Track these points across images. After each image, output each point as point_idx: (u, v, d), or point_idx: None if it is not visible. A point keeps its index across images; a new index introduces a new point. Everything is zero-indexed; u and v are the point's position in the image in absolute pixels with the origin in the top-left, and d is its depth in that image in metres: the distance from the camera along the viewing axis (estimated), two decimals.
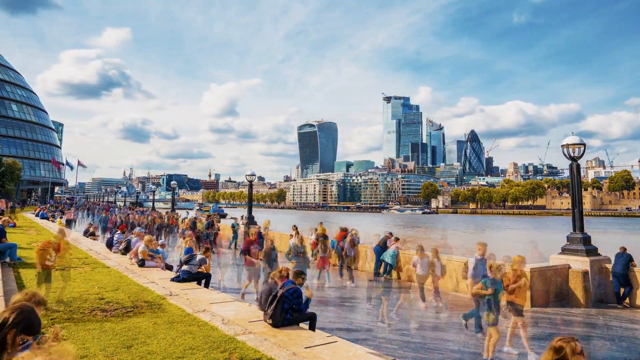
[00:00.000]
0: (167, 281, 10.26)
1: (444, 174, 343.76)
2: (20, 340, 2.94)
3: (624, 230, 70.38)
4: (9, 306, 3.07)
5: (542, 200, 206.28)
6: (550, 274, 11.50)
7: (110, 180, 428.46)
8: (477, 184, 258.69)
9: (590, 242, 12.08)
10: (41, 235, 19.99)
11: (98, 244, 18.73)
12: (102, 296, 8.35)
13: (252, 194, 29.97)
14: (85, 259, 13.29)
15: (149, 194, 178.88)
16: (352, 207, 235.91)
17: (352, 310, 11.24)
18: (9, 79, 79.54)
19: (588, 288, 11.18)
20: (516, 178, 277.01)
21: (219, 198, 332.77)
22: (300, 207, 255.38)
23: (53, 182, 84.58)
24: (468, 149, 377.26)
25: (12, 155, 69.96)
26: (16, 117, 77.49)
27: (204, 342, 5.79)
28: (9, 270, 10.62)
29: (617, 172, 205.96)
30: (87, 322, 6.62)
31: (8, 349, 2.82)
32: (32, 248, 14.89)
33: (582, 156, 12.22)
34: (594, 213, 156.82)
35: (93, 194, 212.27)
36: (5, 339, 2.80)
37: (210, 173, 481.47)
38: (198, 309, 7.63)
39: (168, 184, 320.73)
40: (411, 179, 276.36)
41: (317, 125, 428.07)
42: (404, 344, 7.78)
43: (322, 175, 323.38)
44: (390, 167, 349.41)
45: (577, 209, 12.21)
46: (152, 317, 7.04)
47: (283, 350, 5.63)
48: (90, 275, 10.53)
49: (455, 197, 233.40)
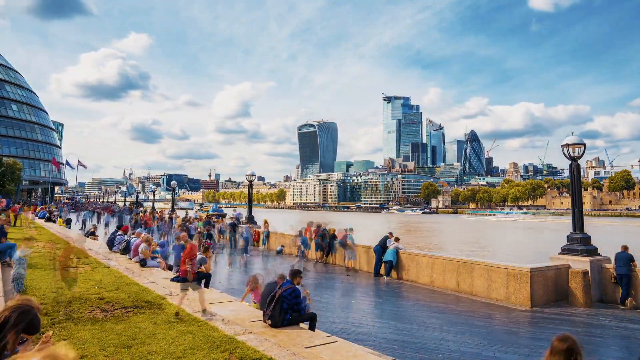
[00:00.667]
0: (167, 281, 10.27)
1: (444, 174, 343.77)
2: (20, 339, 2.96)
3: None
4: (8, 305, 3.05)
5: (542, 200, 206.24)
6: (551, 274, 11.51)
7: (110, 180, 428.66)
8: (477, 184, 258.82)
9: (590, 242, 12.09)
10: (41, 235, 19.99)
11: (98, 244, 18.73)
12: (102, 296, 8.34)
13: (252, 193, 29.99)
14: (85, 258, 13.28)
15: (149, 194, 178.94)
16: (352, 207, 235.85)
17: (349, 308, 11.23)
18: (9, 78, 79.53)
19: (588, 288, 11.18)
20: (516, 178, 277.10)
21: (219, 198, 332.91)
22: (300, 207, 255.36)
23: (53, 182, 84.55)
24: (468, 149, 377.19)
25: (12, 155, 69.92)
26: (16, 117, 77.46)
27: (204, 342, 5.78)
28: (9, 270, 10.61)
29: (617, 172, 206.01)
30: (87, 322, 6.61)
31: (8, 349, 2.84)
32: (32, 248, 14.91)
33: (582, 156, 12.23)
34: (594, 213, 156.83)
35: (93, 194, 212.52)
36: (4, 337, 2.82)
37: (210, 173, 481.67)
38: (198, 309, 7.62)
39: (168, 184, 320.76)
40: (411, 179, 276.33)
41: (317, 125, 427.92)
42: (404, 344, 7.78)
43: (322, 175, 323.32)
44: (390, 167, 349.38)
45: (577, 209, 12.22)
46: (152, 317, 7.04)
47: (283, 350, 5.63)
48: (90, 275, 10.53)
49: (455, 197, 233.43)
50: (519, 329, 9.22)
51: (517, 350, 7.63)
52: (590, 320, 9.99)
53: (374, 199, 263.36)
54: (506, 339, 8.43)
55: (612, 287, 11.65)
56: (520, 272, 11.24)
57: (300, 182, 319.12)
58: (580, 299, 11.12)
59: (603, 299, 11.70)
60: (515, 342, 8.13)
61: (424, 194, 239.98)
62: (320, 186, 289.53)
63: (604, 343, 8.34)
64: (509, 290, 11.42)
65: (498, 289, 11.72)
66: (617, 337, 8.92)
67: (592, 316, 10.29)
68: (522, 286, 11.12)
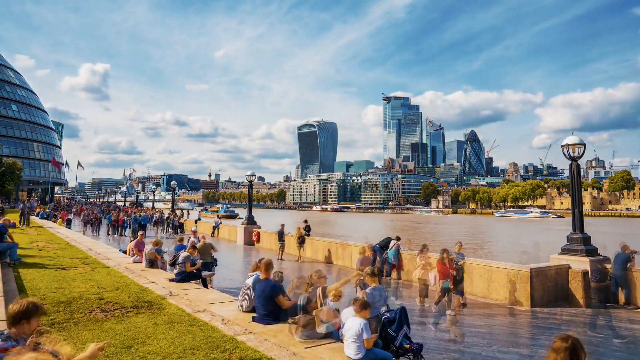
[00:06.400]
0: (167, 281, 10.27)
1: (444, 174, 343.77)
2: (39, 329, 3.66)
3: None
4: (23, 299, 3.75)
5: (542, 201, 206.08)
6: (551, 274, 11.51)
7: (110, 180, 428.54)
8: (477, 184, 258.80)
9: (590, 242, 12.08)
10: (41, 235, 20.00)
11: (98, 244, 18.74)
12: (102, 296, 8.34)
13: (252, 194, 30.00)
14: (85, 259, 13.28)
15: (149, 194, 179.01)
16: (352, 207, 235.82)
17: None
18: (9, 79, 79.54)
19: (588, 288, 11.18)
20: (516, 178, 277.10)
21: (219, 198, 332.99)
22: (300, 207, 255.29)
23: (53, 182, 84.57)
24: (468, 149, 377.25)
25: (12, 155, 69.89)
26: (16, 117, 77.47)
27: (204, 342, 5.78)
28: (9, 270, 10.61)
29: (617, 172, 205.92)
30: (87, 322, 6.61)
31: (27, 333, 3.54)
32: (32, 248, 14.92)
33: (582, 156, 12.23)
34: (594, 213, 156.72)
35: (93, 194, 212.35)
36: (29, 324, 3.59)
37: (210, 173, 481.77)
38: (198, 309, 7.62)
39: (168, 184, 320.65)
40: (411, 179, 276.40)
41: (317, 125, 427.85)
42: None
43: (322, 175, 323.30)
44: (390, 167, 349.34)
45: (577, 209, 12.22)
46: (152, 317, 7.04)
47: (283, 350, 5.63)
48: (90, 275, 10.52)
49: (455, 197, 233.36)
50: (519, 329, 9.22)
51: (517, 350, 7.63)
52: (590, 320, 9.99)
53: (374, 199, 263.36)
54: (506, 339, 8.43)
55: (611, 288, 11.64)
56: (520, 272, 11.23)
57: (300, 182, 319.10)
58: (580, 299, 11.11)
59: (603, 299, 11.68)
60: (515, 342, 8.13)
61: (424, 194, 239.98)
62: (320, 186, 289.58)
63: (604, 343, 8.33)
64: (509, 290, 11.42)
65: (498, 289, 11.72)
66: (617, 337, 8.92)
67: (592, 316, 10.29)
68: (522, 286, 11.12)
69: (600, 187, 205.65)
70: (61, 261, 12.47)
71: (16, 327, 3.60)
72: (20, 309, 3.61)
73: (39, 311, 3.71)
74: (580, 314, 10.46)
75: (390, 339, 6.20)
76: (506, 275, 11.56)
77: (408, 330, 6.36)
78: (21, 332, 3.59)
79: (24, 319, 3.60)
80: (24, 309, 3.61)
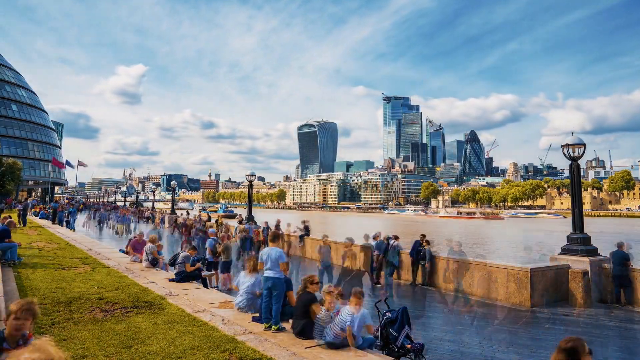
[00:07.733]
0: (167, 281, 10.27)
1: (444, 174, 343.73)
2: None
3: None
4: (24, 299, 3.90)
5: (542, 201, 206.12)
6: (551, 274, 11.50)
7: (110, 180, 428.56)
8: (477, 184, 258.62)
9: (590, 243, 12.07)
10: (41, 236, 19.99)
11: (98, 244, 18.73)
12: (102, 296, 8.33)
13: (252, 194, 30.00)
14: (85, 259, 13.28)
15: (149, 194, 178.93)
16: (352, 207, 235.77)
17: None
18: (9, 79, 79.49)
19: (588, 288, 11.17)
20: (516, 178, 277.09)
21: (219, 198, 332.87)
22: (300, 207, 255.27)
23: (53, 182, 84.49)
24: (468, 149, 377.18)
25: (12, 155, 69.83)
26: (16, 117, 77.40)
27: (204, 342, 5.78)
28: (9, 271, 10.60)
29: (617, 172, 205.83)
30: (87, 322, 6.61)
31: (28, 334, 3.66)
32: (32, 248, 14.91)
33: (582, 156, 12.22)
34: (594, 213, 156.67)
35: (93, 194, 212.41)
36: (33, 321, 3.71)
37: (210, 173, 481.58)
38: (198, 309, 7.62)
39: (168, 184, 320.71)
40: (411, 179, 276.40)
41: (317, 125, 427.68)
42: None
43: (322, 176, 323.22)
44: (390, 167, 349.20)
45: (577, 209, 12.21)
46: (152, 317, 7.04)
47: (283, 350, 5.63)
48: (90, 275, 10.52)
49: (456, 197, 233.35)
50: (519, 329, 9.21)
51: (517, 350, 7.63)
52: (591, 320, 9.99)
53: (374, 199, 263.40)
54: (506, 339, 8.42)
55: (611, 288, 11.64)
56: (520, 272, 11.23)
57: (300, 182, 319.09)
58: (580, 299, 11.10)
59: (603, 299, 11.68)
60: (515, 342, 8.12)
61: (424, 194, 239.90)
62: (320, 186, 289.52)
63: (604, 343, 8.33)
64: (509, 290, 11.41)
65: (498, 289, 11.71)
66: (617, 337, 8.91)
67: (592, 316, 10.28)
68: (522, 286, 11.11)
69: (600, 187, 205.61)
70: (61, 261, 12.47)
71: (9, 329, 3.65)
72: (17, 309, 3.64)
73: (32, 314, 3.72)
74: (580, 314, 10.45)
75: (391, 339, 6.20)
76: (506, 275, 11.55)
77: (409, 330, 6.36)
78: (14, 334, 3.64)
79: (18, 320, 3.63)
80: (21, 309, 3.65)
